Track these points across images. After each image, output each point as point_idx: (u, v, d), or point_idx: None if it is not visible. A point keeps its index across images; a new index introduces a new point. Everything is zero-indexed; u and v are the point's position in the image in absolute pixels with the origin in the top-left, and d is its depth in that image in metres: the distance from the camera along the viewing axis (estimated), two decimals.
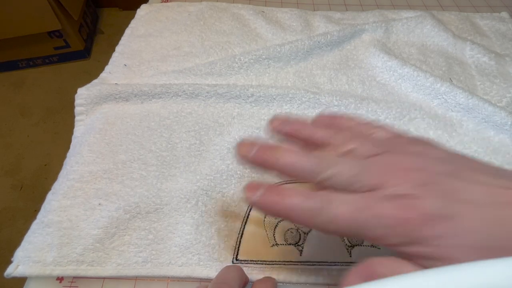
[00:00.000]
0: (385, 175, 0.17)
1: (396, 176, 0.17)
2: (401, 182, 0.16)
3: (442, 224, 0.15)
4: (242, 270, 0.22)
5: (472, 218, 0.15)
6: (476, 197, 0.16)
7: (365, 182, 0.17)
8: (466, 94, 0.34)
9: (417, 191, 0.16)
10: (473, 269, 0.11)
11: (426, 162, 0.17)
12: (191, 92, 0.35)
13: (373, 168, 0.17)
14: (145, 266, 0.25)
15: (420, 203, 0.16)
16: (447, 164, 0.17)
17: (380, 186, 0.16)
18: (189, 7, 0.47)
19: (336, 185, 0.17)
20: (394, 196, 0.16)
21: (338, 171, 0.17)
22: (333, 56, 0.41)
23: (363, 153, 0.18)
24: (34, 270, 0.24)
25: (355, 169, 0.17)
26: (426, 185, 0.16)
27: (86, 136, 0.32)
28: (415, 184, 0.16)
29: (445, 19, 0.46)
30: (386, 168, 0.17)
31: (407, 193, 0.16)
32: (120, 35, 0.43)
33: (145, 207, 0.27)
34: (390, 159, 0.18)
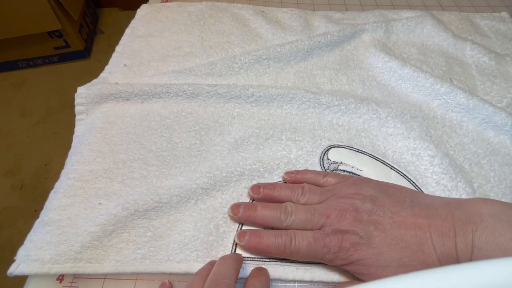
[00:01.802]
0: (328, 216, 0.24)
1: (335, 216, 0.24)
2: (338, 221, 0.23)
3: (364, 251, 0.22)
4: (237, 260, 0.24)
5: (384, 244, 0.22)
6: (388, 227, 0.22)
7: (314, 223, 0.24)
8: (467, 94, 0.34)
9: (349, 227, 0.23)
10: (473, 269, 0.11)
11: (356, 204, 0.24)
12: (191, 92, 0.35)
13: (319, 212, 0.24)
14: (143, 263, 0.25)
15: (351, 236, 0.22)
16: (371, 202, 0.24)
17: (325, 224, 0.24)
18: (189, 7, 0.47)
19: (297, 227, 0.24)
20: (334, 231, 0.23)
21: (295, 218, 0.25)
22: (333, 56, 0.41)
23: (313, 201, 0.26)
24: (32, 269, 0.24)
25: (307, 214, 0.25)
26: (355, 221, 0.23)
27: (86, 135, 0.32)
28: (348, 222, 0.23)
29: (445, 19, 0.46)
30: (328, 211, 0.24)
31: (342, 229, 0.23)
32: (120, 35, 0.43)
33: (143, 205, 0.27)
34: (331, 204, 0.24)
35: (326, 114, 0.35)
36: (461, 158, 0.32)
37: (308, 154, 0.31)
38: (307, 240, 0.23)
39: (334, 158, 0.31)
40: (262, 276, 0.23)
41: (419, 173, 0.30)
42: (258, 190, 0.28)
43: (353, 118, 0.34)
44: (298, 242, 0.23)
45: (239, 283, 0.24)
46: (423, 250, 0.21)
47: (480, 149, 0.32)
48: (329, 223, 0.23)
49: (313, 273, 0.25)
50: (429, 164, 0.30)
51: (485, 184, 0.30)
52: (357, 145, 0.32)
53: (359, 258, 0.22)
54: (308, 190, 0.27)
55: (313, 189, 0.27)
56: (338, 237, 0.23)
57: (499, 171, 0.31)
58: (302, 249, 0.23)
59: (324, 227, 0.24)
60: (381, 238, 0.22)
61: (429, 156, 0.31)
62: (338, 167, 0.30)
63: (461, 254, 0.20)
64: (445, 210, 0.22)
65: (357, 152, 0.32)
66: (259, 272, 0.24)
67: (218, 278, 0.21)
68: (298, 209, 0.25)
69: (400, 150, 0.32)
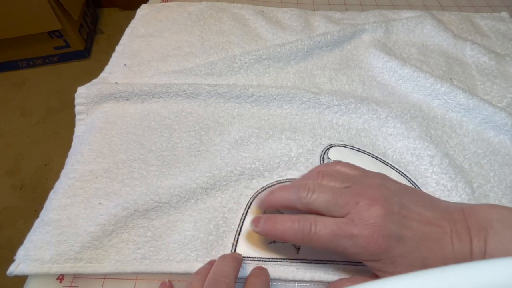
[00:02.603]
0: (357, 203, 0.21)
1: (365, 204, 0.21)
2: (368, 210, 0.21)
3: (394, 247, 0.20)
4: (237, 259, 0.23)
5: (413, 242, 0.20)
6: (415, 226, 0.21)
7: (340, 207, 0.21)
8: (467, 94, 0.34)
9: (380, 219, 0.20)
10: (473, 269, 0.11)
11: (387, 195, 0.22)
12: (191, 92, 0.35)
13: (346, 196, 0.22)
14: (143, 263, 0.25)
15: (382, 229, 0.20)
16: (399, 197, 0.22)
17: (352, 211, 0.21)
18: (189, 7, 0.47)
19: (319, 207, 0.22)
20: (364, 221, 0.20)
21: (318, 196, 0.22)
22: (333, 56, 0.41)
23: (336, 186, 0.23)
24: (32, 268, 0.24)
25: (333, 195, 0.22)
26: (387, 214, 0.21)
27: (86, 135, 0.32)
28: (379, 213, 0.20)
29: (445, 19, 0.46)
30: (357, 197, 0.21)
31: (372, 219, 0.20)
32: (120, 35, 0.43)
33: (143, 205, 0.27)
34: (360, 190, 0.22)
35: (326, 114, 0.35)
36: (461, 158, 0.32)
37: (309, 152, 0.31)
38: (330, 228, 0.21)
39: (334, 157, 0.31)
40: (262, 276, 0.23)
41: (419, 173, 0.30)
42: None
43: (353, 118, 0.34)
44: (319, 229, 0.21)
45: (239, 282, 0.24)
46: (444, 253, 0.20)
47: (480, 149, 0.32)
48: (357, 210, 0.21)
49: (313, 273, 0.25)
50: (428, 164, 0.30)
51: (485, 184, 0.30)
52: (357, 145, 0.32)
53: (388, 254, 0.20)
54: (328, 173, 0.24)
55: (333, 173, 0.24)
56: (368, 228, 0.20)
57: (499, 171, 0.31)
58: (323, 238, 0.21)
59: (350, 214, 0.21)
60: (410, 235, 0.20)
61: (429, 156, 0.31)
62: None
63: (475, 260, 0.20)
64: (460, 215, 0.22)
65: (358, 152, 0.32)
66: (259, 271, 0.24)
67: (218, 277, 0.21)
68: (321, 187, 0.23)
69: (400, 150, 0.32)
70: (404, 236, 0.20)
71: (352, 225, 0.21)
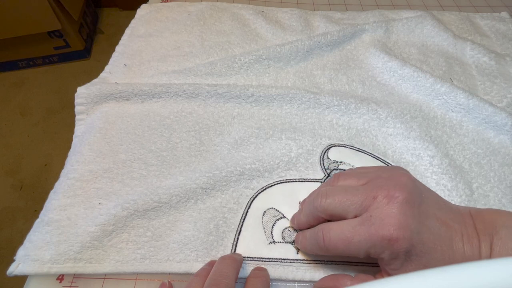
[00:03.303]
0: (375, 197, 0.20)
1: (384, 197, 0.20)
2: (388, 204, 0.19)
3: (415, 246, 0.19)
4: (237, 260, 0.23)
5: (431, 242, 0.19)
6: (432, 224, 0.20)
7: (357, 205, 0.20)
8: (467, 94, 0.34)
9: (401, 215, 0.19)
10: (473, 269, 0.11)
11: (407, 188, 0.20)
12: (191, 92, 0.35)
13: (363, 192, 0.21)
14: (143, 263, 0.25)
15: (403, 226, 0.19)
16: (419, 190, 0.21)
17: (371, 207, 0.20)
18: (189, 7, 0.47)
19: (336, 210, 0.21)
20: (384, 217, 0.19)
21: (332, 200, 0.21)
22: (333, 56, 0.41)
23: (352, 184, 0.22)
24: (32, 269, 0.24)
25: (346, 194, 0.21)
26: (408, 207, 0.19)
27: (86, 135, 0.32)
28: (400, 207, 0.19)
29: (445, 19, 0.46)
30: (375, 191, 0.20)
31: (393, 215, 0.19)
32: (120, 35, 0.43)
33: (143, 205, 0.27)
34: (375, 183, 0.21)
35: (326, 114, 0.35)
36: (461, 158, 0.32)
37: (309, 153, 0.31)
38: (344, 235, 0.20)
39: (334, 157, 0.31)
40: (262, 276, 0.23)
41: (419, 173, 0.30)
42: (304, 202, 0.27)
43: (353, 118, 0.34)
44: (333, 236, 0.20)
45: (239, 282, 0.24)
46: (455, 256, 0.20)
47: (480, 149, 0.32)
48: (375, 206, 0.20)
49: (313, 273, 0.25)
50: (429, 164, 0.30)
51: (485, 184, 0.30)
52: (357, 145, 0.32)
53: (408, 254, 0.19)
54: (343, 173, 0.24)
55: (349, 172, 0.24)
56: (387, 227, 0.19)
57: (499, 171, 0.31)
58: (340, 245, 0.20)
59: (368, 211, 0.20)
60: (427, 235, 0.19)
61: (428, 157, 0.31)
62: (338, 166, 0.30)
63: None
64: (469, 219, 0.21)
65: (358, 152, 0.32)
66: (259, 272, 0.24)
67: (218, 277, 0.21)
68: (334, 190, 0.22)
69: (400, 150, 0.32)
70: (422, 235, 0.19)
71: (369, 224, 0.19)
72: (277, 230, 0.27)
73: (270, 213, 0.28)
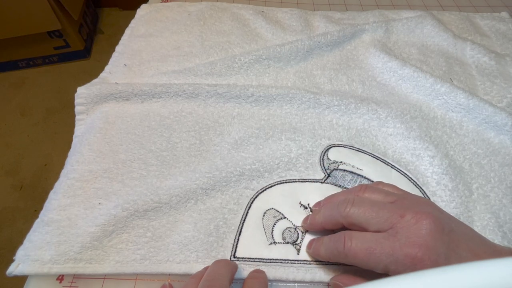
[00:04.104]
0: (402, 216, 0.19)
1: (412, 218, 0.19)
2: (416, 224, 0.19)
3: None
4: (232, 263, 0.23)
5: None
6: (464, 254, 0.19)
7: (382, 220, 0.20)
8: (467, 94, 0.34)
9: (429, 237, 0.18)
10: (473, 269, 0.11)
11: (436, 213, 0.19)
12: (191, 92, 0.35)
13: (390, 208, 0.20)
14: (143, 264, 0.25)
15: (429, 248, 0.18)
16: (449, 220, 0.20)
17: (397, 225, 0.19)
18: (189, 7, 0.47)
19: (359, 220, 0.21)
20: (410, 236, 0.18)
21: (357, 209, 0.21)
22: (333, 56, 0.41)
23: (379, 199, 0.22)
24: (32, 269, 0.24)
25: (373, 207, 0.20)
26: (436, 232, 0.18)
27: (86, 135, 0.32)
28: (428, 230, 0.18)
29: (445, 19, 0.46)
30: (402, 210, 0.19)
31: (420, 236, 0.18)
32: (120, 35, 0.43)
33: (143, 205, 0.27)
34: (406, 204, 0.20)
35: (326, 114, 0.35)
36: (461, 159, 0.32)
37: (308, 153, 0.31)
38: (367, 244, 0.19)
39: (334, 157, 0.31)
40: (260, 278, 0.23)
41: (419, 173, 0.30)
42: (318, 204, 0.27)
43: (353, 118, 0.34)
44: (355, 244, 0.20)
45: (236, 282, 0.24)
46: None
47: (480, 149, 0.32)
48: (402, 225, 0.19)
49: (314, 274, 0.25)
50: (429, 164, 0.30)
51: (486, 185, 0.30)
52: (357, 145, 0.32)
53: None
54: (370, 187, 0.23)
55: (376, 188, 0.23)
56: (413, 246, 0.18)
57: (500, 171, 0.31)
58: (360, 254, 0.20)
59: (393, 228, 0.19)
60: (458, 261, 0.18)
61: (429, 157, 0.31)
62: (338, 167, 0.30)
63: None
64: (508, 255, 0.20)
65: (358, 152, 0.32)
66: (257, 273, 0.24)
67: (212, 277, 0.21)
68: (361, 200, 0.22)
69: (400, 150, 0.32)
70: (451, 261, 0.18)
71: (394, 240, 0.19)
72: (277, 231, 0.27)
73: (271, 213, 0.28)
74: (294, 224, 0.27)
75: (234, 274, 0.23)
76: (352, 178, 0.30)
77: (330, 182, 0.30)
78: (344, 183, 0.29)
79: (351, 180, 0.30)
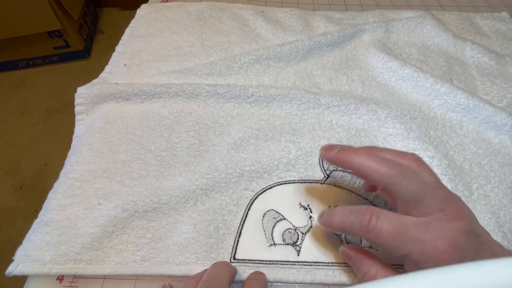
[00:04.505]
0: (442, 209, 0.19)
1: (452, 212, 0.19)
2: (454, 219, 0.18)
3: None
4: (231, 265, 0.23)
5: None
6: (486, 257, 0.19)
7: (420, 205, 0.19)
8: (467, 94, 0.34)
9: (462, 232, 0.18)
10: (473, 269, 0.11)
11: (472, 214, 0.20)
12: (191, 92, 0.35)
13: (434, 196, 0.19)
14: (143, 265, 0.25)
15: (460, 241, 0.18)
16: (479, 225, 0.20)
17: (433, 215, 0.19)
18: (189, 7, 0.47)
19: (402, 193, 0.19)
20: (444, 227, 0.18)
21: (408, 181, 0.19)
22: (333, 56, 0.41)
23: (431, 180, 0.21)
24: (32, 269, 0.24)
25: (422, 186, 0.19)
26: (470, 228, 0.19)
27: (86, 135, 0.32)
28: (464, 225, 0.18)
29: (445, 19, 0.46)
30: (443, 204, 0.19)
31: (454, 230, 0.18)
32: (120, 35, 0.43)
33: (143, 206, 0.27)
34: (447, 196, 0.20)
35: (325, 115, 0.35)
36: (461, 159, 0.32)
37: (308, 154, 0.31)
38: (395, 226, 0.19)
39: None
40: (260, 279, 0.23)
41: None
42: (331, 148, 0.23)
43: (352, 119, 0.34)
44: (381, 223, 0.19)
45: (236, 283, 0.24)
46: None
47: (480, 149, 0.32)
48: (438, 217, 0.18)
49: (314, 275, 0.25)
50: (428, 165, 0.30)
51: (486, 185, 0.30)
52: (357, 145, 0.32)
53: None
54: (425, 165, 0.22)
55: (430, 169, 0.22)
56: (444, 240, 0.18)
57: (500, 172, 0.31)
58: (385, 234, 0.19)
59: (428, 217, 0.19)
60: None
61: (428, 157, 0.31)
62: (338, 168, 0.30)
63: None
64: None
65: None
66: (257, 275, 0.24)
67: (211, 278, 0.21)
68: (414, 174, 0.20)
69: (399, 150, 0.32)
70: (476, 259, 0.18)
71: (425, 229, 0.18)
72: (277, 232, 0.27)
73: (270, 214, 0.28)
74: (294, 225, 0.27)
75: (233, 277, 0.23)
76: (352, 179, 0.30)
77: (330, 183, 0.30)
78: (343, 184, 0.29)
79: (350, 181, 0.30)
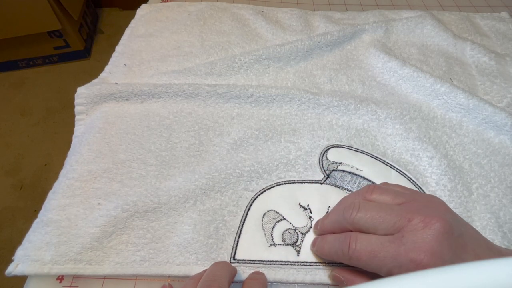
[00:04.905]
0: (410, 220, 0.19)
1: (420, 222, 0.18)
2: (423, 228, 0.18)
3: None
4: (231, 266, 0.23)
5: None
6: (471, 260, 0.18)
7: (389, 224, 0.19)
8: (467, 94, 0.34)
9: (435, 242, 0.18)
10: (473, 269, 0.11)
11: (446, 217, 0.19)
12: (191, 92, 0.35)
13: (398, 212, 0.20)
14: (143, 265, 0.25)
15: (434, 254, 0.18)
16: (459, 223, 0.19)
17: (405, 228, 0.19)
18: (189, 7, 0.47)
19: (366, 226, 0.20)
20: (416, 241, 0.18)
21: (364, 214, 0.20)
22: (333, 56, 0.41)
23: (387, 200, 0.21)
24: (32, 269, 0.24)
25: (379, 212, 0.20)
26: (444, 236, 0.18)
27: (86, 135, 0.32)
28: (436, 234, 0.18)
29: (445, 19, 0.46)
30: (411, 214, 0.19)
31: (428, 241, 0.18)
32: (120, 35, 0.43)
33: (143, 206, 0.27)
34: (412, 206, 0.20)
35: (325, 115, 0.35)
36: (461, 159, 0.32)
37: (307, 154, 0.31)
38: (371, 247, 0.19)
39: (333, 158, 0.31)
40: (260, 279, 0.23)
41: (418, 173, 0.30)
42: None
43: (352, 119, 0.34)
44: (359, 247, 0.20)
45: (236, 283, 0.24)
46: None
47: (480, 149, 0.32)
48: (409, 228, 0.19)
49: (314, 276, 0.25)
50: (427, 165, 0.30)
51: (486, 185, 0.30)
52: (356, 145, 0.32)
53: None
54: (379, 188, 0.23)
55: (385, 188, 0.23)
56: (419, 251, 0.18)
57: (499, 171, 0.31)
58: (363, 256, 0.19)
59: (401, 232, 0.19)
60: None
61: (427, 157, 0.31)
62: (338, 167, 0.30)
63: None
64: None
65: (357, 152, 0.32)
66: (257, 275, 0.24)
67: (211, 278, 0.21)
68: (367, 205, 0.21)
69: (399, 150, 0.32)
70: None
71: (399, 244, 0.18)
72: (277, 232, 0.27)
73: (270, 215, 0.28)
74: (294, 226, 0.27)
75: (233, 277, 0.23)
76: (352, 179, 0.30)
77: (330, 183, 0.30)
78: (343, 183, 0.29)
79: (350, 181, 0.30)
